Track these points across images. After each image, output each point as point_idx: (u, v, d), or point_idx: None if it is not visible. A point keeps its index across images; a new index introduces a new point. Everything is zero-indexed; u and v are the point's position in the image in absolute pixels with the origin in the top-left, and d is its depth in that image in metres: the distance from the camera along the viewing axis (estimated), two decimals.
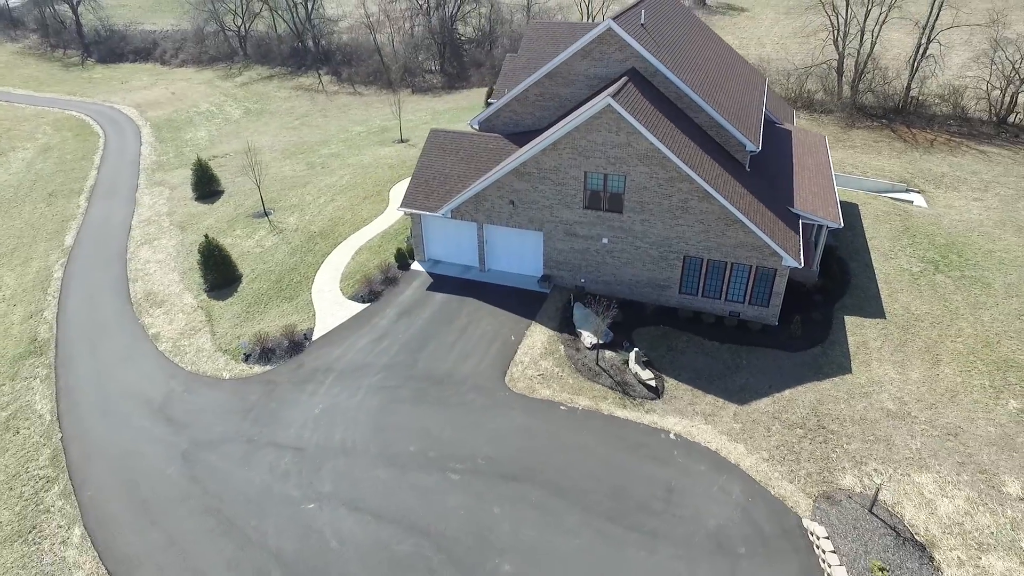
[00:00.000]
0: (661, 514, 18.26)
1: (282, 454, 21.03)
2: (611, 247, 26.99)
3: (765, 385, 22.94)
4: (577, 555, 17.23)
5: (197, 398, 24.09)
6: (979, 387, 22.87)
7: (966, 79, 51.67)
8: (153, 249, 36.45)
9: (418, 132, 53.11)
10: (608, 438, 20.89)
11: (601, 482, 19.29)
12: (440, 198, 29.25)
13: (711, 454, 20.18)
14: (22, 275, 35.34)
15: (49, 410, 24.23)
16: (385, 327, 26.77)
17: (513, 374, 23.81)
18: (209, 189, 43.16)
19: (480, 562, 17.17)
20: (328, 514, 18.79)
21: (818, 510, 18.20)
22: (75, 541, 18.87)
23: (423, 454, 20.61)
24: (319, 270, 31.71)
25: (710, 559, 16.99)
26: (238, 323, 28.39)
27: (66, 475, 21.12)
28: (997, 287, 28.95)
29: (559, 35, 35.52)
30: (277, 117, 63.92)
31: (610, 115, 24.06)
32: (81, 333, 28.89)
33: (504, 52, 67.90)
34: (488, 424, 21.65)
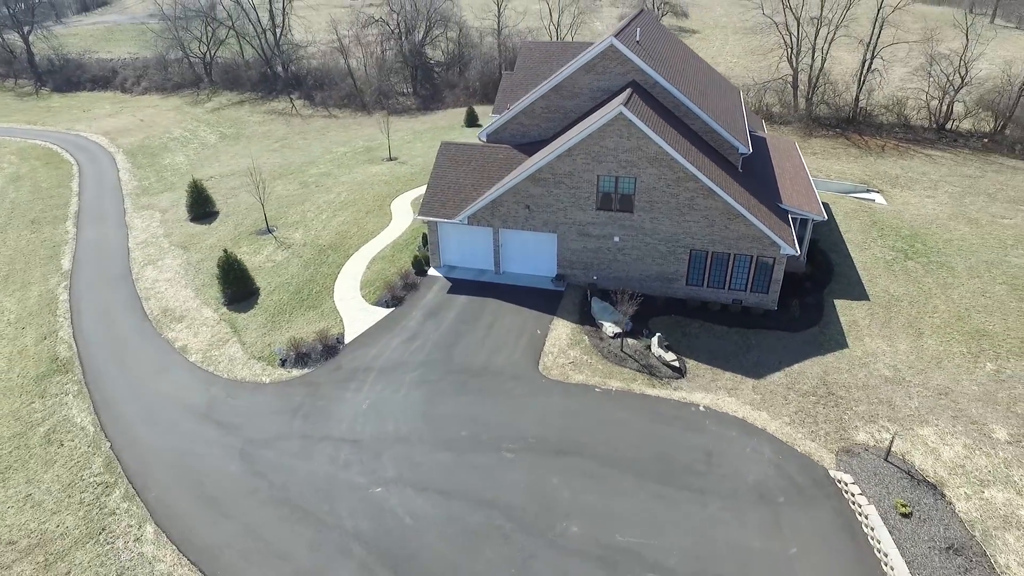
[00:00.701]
0: (705, 474, 20.16)
1: (339, 446, 22.08)
2: (622, 245, 29.12)
3: (775, 361, 25.28)
4: (636, 514, 18.92)
5: (241, 402, 24.86)
6: (959, 354, 25.78)
7: (907, 90, 56.64)
8: (158, 269, 36.77)
9: (404, 150, 54.78)
10: (644, 413, 22.77)
11: (646, 451, 21.09)
12: (456, 206, 30.91)
13: (739, 421, 22.28)
14: (23, 299, 35.14)
15: (91, 422, 24.56)
16: (414, 328, 28.10)
17: (545, 363, 25.50)
18: (204, 210, 43.62)
19: (549, 526, 18.66)
20: (397, 496, 19.96)
21: (840, 462, 20.44)
22: (149, 537, 19.46)
23: (475, 438, 22.02)
24: (337, 280, 32.78)
25: (755, 508, 18.95)
26: (265, 332, 29.21)
27: (125, 480, 21.61)
28: (960, 270, 32.33)
29: (552, 53, 37.92)
30: (256, 141, 64.41)
31: (622, 122, 26.33)
32: (104, 350, 29.16)
33: (477, 73, 70.51)
34: (531, 408, 23.24)
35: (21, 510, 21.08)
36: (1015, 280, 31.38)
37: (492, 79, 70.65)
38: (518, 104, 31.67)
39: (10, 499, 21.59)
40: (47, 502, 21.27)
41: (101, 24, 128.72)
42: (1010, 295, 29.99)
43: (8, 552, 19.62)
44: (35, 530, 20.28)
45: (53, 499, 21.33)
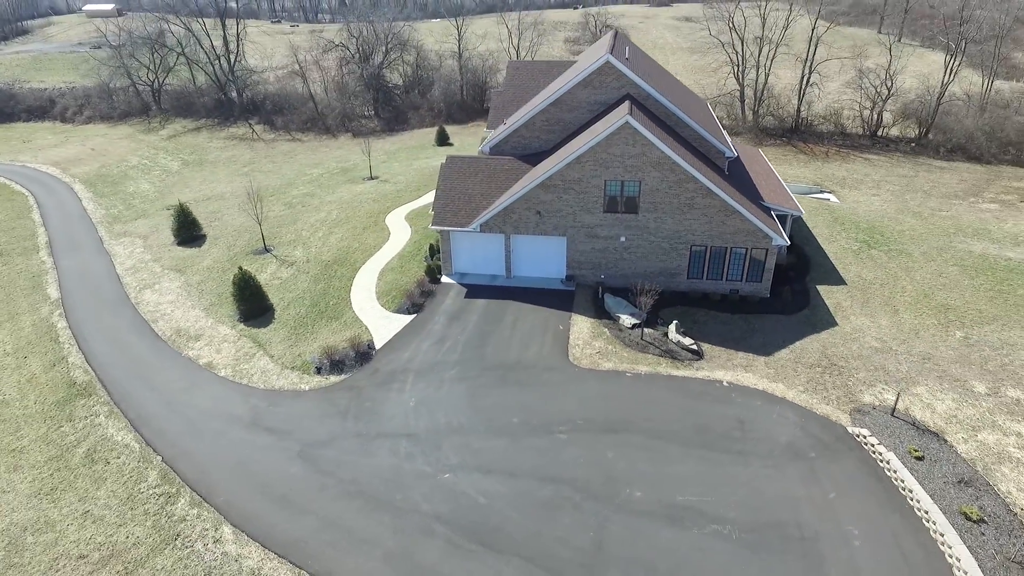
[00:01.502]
0: (742, 439, 22.41)
1: (397, 441, 23.15)
2: (628, 244, 31.46)
3: (779, 341, 28.02)
4: (689, 476, 20.91)
5: (286, 409, 25.50)
6: (932, 325, 29.27)
7: (842, 102, 62.27)
8: (157, 292, 36.59)
9: (381, 170, 55.88)
10: (675, 391, 24.92)
11: (685, 423, 23.19)
12: (467, 215, 32.55)
13: (760, 393, 24.73)
14: (16, 330, 34.28)
15: (133, 439, 24.62)
16: (441, 331, 29.41)
17: (574, 354, 27.35)
18: (191, 234, 43.50)
19: (614, 493, 20.39)
20: (465, 479, 21.23)
21: (855, 420, 23.12)
22: (229, 537, 19.97)
23: (526, 423, 23.55)
24: (351, 292, 33.68)
25: (792, 463, 21.29)
26: (291, 344, 29.84)
27: (187, 489, 21.93)
28: (916, 256, 36.35)
29: (538, 71, 40.36)
30: (221, 166, 63.97)
31: (627, 131, 28.79)
32: (126, 372, 29.03)
33: (441, 94, 72.43)
34: (571, 393, 24.99)
35: (82, 526, 21.08)
36: (963, 262, 35.57)
37: (455, 100, 72.81)
38: (520, 118, 33.76)
39: (66, 518, 21.52)
40: (108, 516, 21.35)
41: (25, 53, 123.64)
42: (962, 275, 34.04)
43: (83, 565, 19.69)
44: (104, 543, 20.38)
45: (114, 513, 21.42)
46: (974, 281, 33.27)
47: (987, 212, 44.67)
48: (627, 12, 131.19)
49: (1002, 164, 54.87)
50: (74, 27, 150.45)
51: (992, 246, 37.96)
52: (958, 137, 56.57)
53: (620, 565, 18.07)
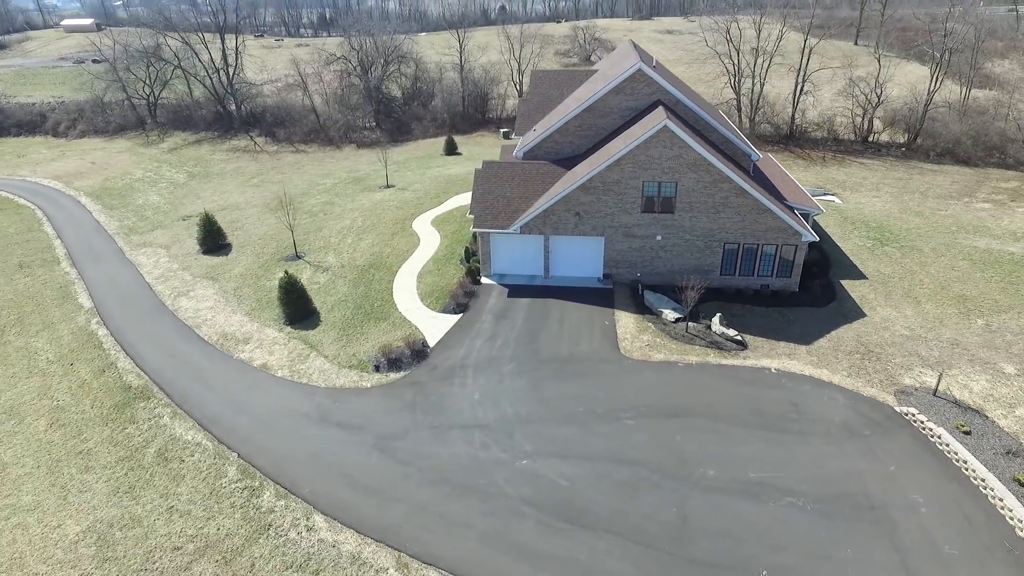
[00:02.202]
0: (798, 420, 23.75)
1: (470, 432, 24.01)
2: (664, 243, 32.84)
3: (815, 331, 29.56)
4: (756, 455, 22.14)
5: (352, 406, 26.18)
6: (954, 314, 31.11)
7: (835, 109, 64.95)
8: (193, 299, 36.91)
9: (395, 178, 56.64)
10: (727, 379, 26.22)
11: (742, 407, 24.48)
12: (507, 217, 33.66)
13: (808, 378, 26.16)
14: (55, 339, 34.32)
15: (204, 437, 25.07)
16: (490, 329, 30.37)
17: (625, 347, 28.53)
18: (216, 243, 43.81)
19: (689, 472, 21.52)
20: (544, 464, 22.18)
21: (900, 400, 24.65)
22: (322, 525, 20.61)
23: (592, 412, 24.61)
24: (393, 294, 34.46)
25: (849, 441, 22.68)
26: (344, 345, 30.51)
27: (270, 482, 22.49)
28: (927, 251, 38.40)
29: (560, 80, 41.82)
30: (229, 177, 64.15)
31: (666, 134, 30.26)
32: (180, 375, 29.40)
33: (444, 105, 73.65)
34: (628, 383, 26.13)
35: (170, 520, 21.50)
36: (971, 256, 37.69)
37: (457, 111, 74.05)
38: (554, 124, 35.07)
39: (151, 513, 21.91)
40: (194, 510, 21.80)
41: (6, 68, 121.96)
42: (972, 268, 36.09)
43: (179, 557, 20.14)
44: (195, 535, 20.85)
45: (200, 507, 21.88)
46: (984, 274, 35.31)
47: (982, 211, 47.15)
48: (611, 26, 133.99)
49: (989, 167, 57.79)
50: (53, 42, 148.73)
51: (994, 242, 40.22)
52: (946, 142, 59.44)
53: (708, 537, 19.16)
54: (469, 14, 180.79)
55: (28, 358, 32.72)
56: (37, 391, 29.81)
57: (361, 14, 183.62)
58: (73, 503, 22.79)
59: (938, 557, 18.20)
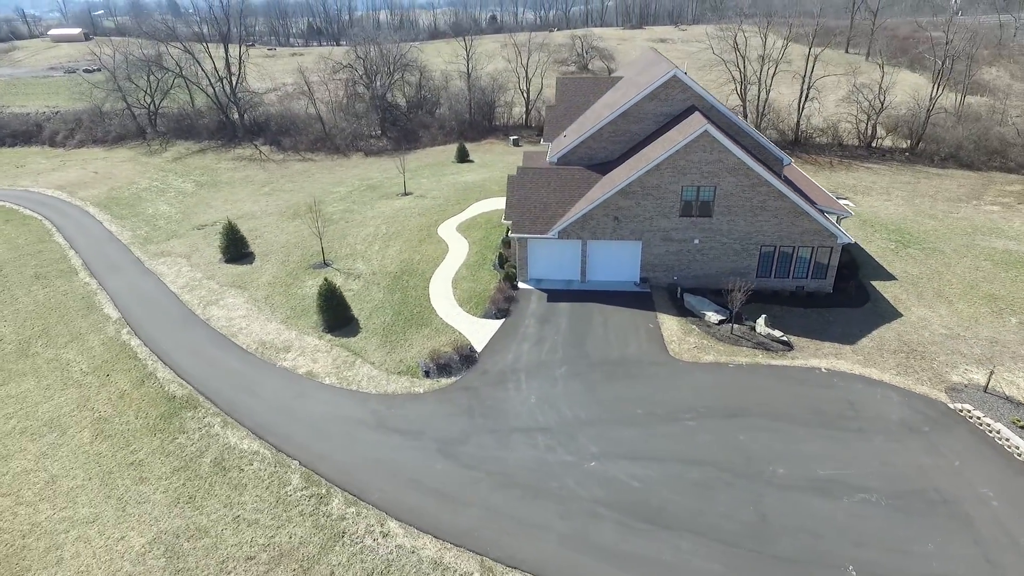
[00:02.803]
0: (856, 418, 24.10)
1: (532, 435, 24.04)
2: (701, 246, 33.20)
3: (856, 331, 30.03)
4: (821, 453, 22.42)
5: (408, 412, 26.09)
6: (987, 313, 31.77)
7: (839, 115, 66.13)
8: (224, 308, 36.58)
9: (411, 186, 56.56)
10: (779, 379, 26.54)
11: (799, 406, 24.78)
12: (545, 223, 33.84)
13: (858, 377, 26.56)
14: (85, 350, 33.80)
15: (261, 446, 24.83)
16: (535, 334, 30.46)
17: (673, 349, 28.76)
18: (239, 251, 43.45)
19: (759, 471, 21.73)
20: (613, 466, 22.26)
21: (953, 397, 25.11)
22: (396, 531, 20.49)
23: (651, 413, 24.77)
24: (430, 300, 34.43)
25: (910, 437, 23.05)
26: (389, 351, 30.41)
27: (337, 489, 22.33)
28: (949, 252, 39.19)
29: (585, 86, 42.22)
30: (239, 187, 63.69)
31: (706, 139, 30.68)
32: (224, 384, 29.10)
33: (452, 113, 73.87)
34: (683, 385, 26.35)
35: (238, 530, 21.25)
36: (992, 256, 38.54)
37: (464, 119, 74.28)
38: (588, 130, 35.38)
39: (217, 523, 21.65)
40: (262, 519, 21.57)
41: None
42: (996, 268, 36.91)
43: (254, 566, 19.90)
44: (267, 544, 20.62)
45: (267, 516, 21.65)
46: (1009, 273, 36.12)
47: (993, 213, 48.22)
48: (604, 34, 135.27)
49: (992, 170, 59.14)
50: (42, 51, 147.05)
51: (1011, 243, 41.15)
52: (948, 147, 60.75)
53: (788, 534, 19.35)
54: (460, 23, 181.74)
55: (61, 370, 32.19)
56: (76, 403, 29.34)
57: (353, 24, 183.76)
58: (133, 514, 22.45)
59: (1019, 550, 18.55)
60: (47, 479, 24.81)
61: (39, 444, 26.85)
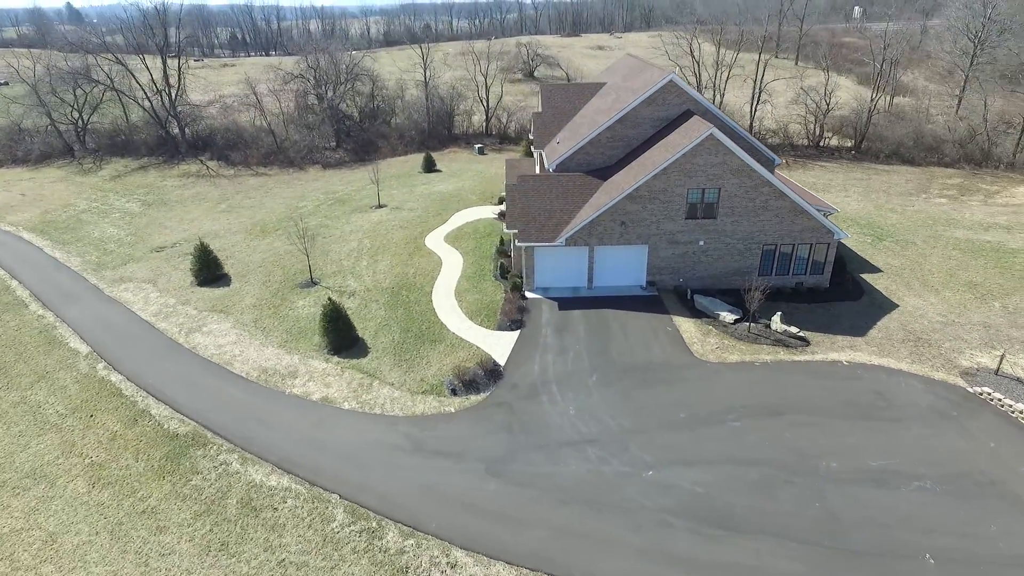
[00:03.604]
0: (888, 408, 24.84)
1: (580, 448, 23.50)
2: (706, 247, 33.63)
3: (862, 323, 31.10)
4: (867, 444, 22.94)
5: (443, 433, 25.01)
6: (972, 299, 33.62)
7: (789, 116, 69.06)
8: (209, 335, 34.26)
9: (384, 198, 54.89)
10: (806, 374, 27.08)
11: (833, 399, 25.33)
12: (551, 230, 33.45)
13: (878, 367, 27.45)
14: (57, 389, 30.89)
15: (291, 480, 23.19)
16: (556, 343, 29.96)
17: (697, 351, 28.90)
18: (213, 273, 40.90)
19: (813, 466, 21.99)
20: (670, 473, 22.01)
21: (968, 381, 26.30)
22: (464, 560, 19.46)
23: (694, 416, 24.72)
24: (437, 315, 33.34)
25: (943, 422, 23.95)
26: (407, 370, 29.17)
27: (388, 521, 21.05)
28: (920, 244, 41.37)
29: (569, 93, 42.16)
30: (191, 205, 60.14)
31: (711, 142, 31.12)
32: (231, 417, 27.12)
33: (408, 121, 72.51)
34: (716, 386, 26.47)
35: (286, 575, 19.70)
36: (958, 246, 40.95)
37: (423, 128, 73.04)
38: (586, 136, 35.27)
39: (259, 570, 20.00)
40: (311, 562, 20.08)
41: None
42: (965, 256, 39.22)
43: None
44: None
45: (317, 557, 20.17)
46: (978, 261, 38.43)
47: (943, 205, 51.38)
48: (543, 42, 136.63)
49: (930, 165, 63.14)
50: None
51: (969, 232, 43.88)
52: (890, 145, 64.48)
53: (858, 527, 19.60)
54: (393, 33, 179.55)
55: (31, 413, 29.24)
56: (59, 449, 26.66)
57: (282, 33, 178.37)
58: (158, 569, 20.47)
59: None
60: (44, 537, 22.32)
61: (25, 499, 24.16)
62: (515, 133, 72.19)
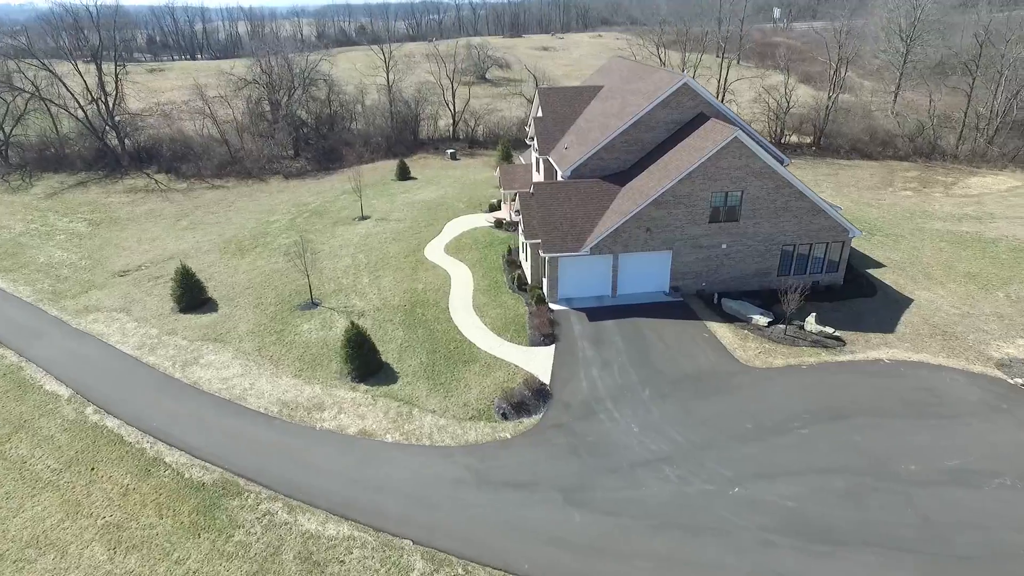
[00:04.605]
0: (942, 403, 25.19)
1: (656, 468, 22.60)
2: (728, 250, 33.47)
3: (887, 319, 31.66)
4: (936, 443, 23.10)
5: (505, 461, 23.57)
6: (975, 290, 34.90)
7: (753, 114, 70.71)
8: (209, 367, 31.45)
9: (366, 208, 52.39)
10: (854, 374, 27.20)
11: (887, 399, 25.48)
12: (575, 239, 32.47)
13: (917, 364, 27.89)
14: (43, 441, 27.49)
15: (352, 528, 21.22)
16: (597, 357, 28.99)
17: (740, 357, 28.57)
18: (196, 299, 37.71)
19: (894, 470, 21.89)
20: (756, 489, 21.40)
21: (1006, 372, 27.05)
22: None
23: (760, 426, 24.27)
24: (461, 332, 31.73)
25: (997, 415, 24.45)
26: (445, 395, 27.49)
27: (476, 565, 19.50)
28: (909, 237, 42.85)
29: (567, 96, 41.27)
30: (147, 222, 55.64)
31: (736, 145, 30.93)
32: (262, 459, 24.73)
33: (374, 128, 69.87)
34: (771, 392, 26.17)
35: None
36: (943, 238, 42.65)
37: (387, 133, 70.54)
38: (601, 141, 34.46)
39: None
40: None
41: None
42: (953, 248, 40.84)
43: None
44: None
45: None
46: (966, 252, 40.09)
47: (910, 198, 53.63)
48: (488, 42, 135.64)
49: (887, 159, 66.02)
50: None
51: (946, 224, 45.84)
52: (849, 140, 67.03)
53: (957, 531, 19.57)
54: (327, 35, 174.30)
55: (16, 471, 25.84)
56: (61, 511, 23.57)
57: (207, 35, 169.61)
58: None
59: None
60: None
61: (33, 574, 21.11)
62: (484, 137, 70.73)
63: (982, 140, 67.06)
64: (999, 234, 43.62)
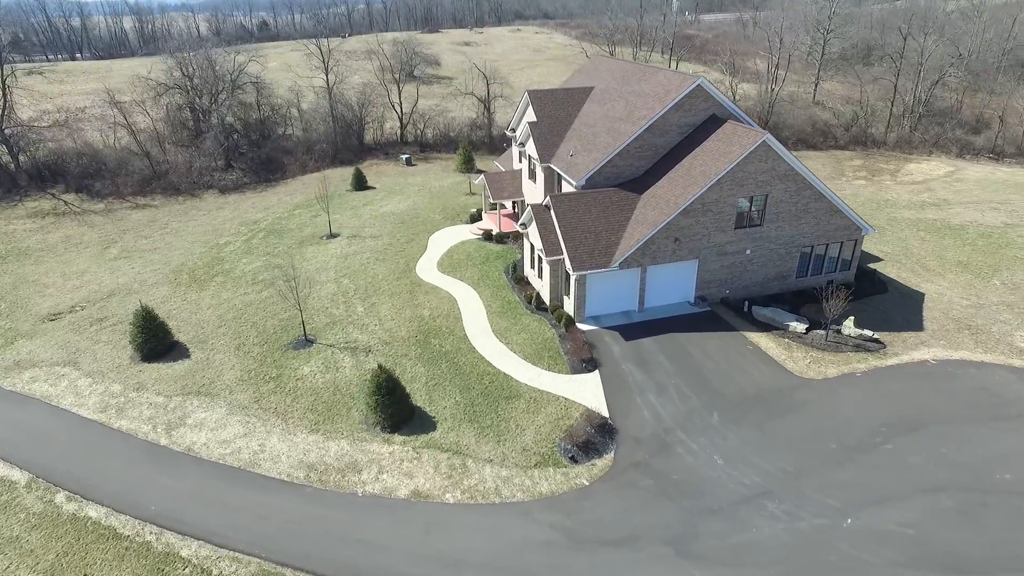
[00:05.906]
0: (1004, 404, 25.19)
1: (758, 504, 21.02)
2: (751, 256, 32.55)
3: (911, 316, 31.82)
4: (1016, 448, 22.91)
5: (592, 514, 21.22)
6: (972, 279, 35.93)
7: None
8: (201, 429, 27.06)
9: (319, 225, 47.88)
10: (907, 378, 26.88)
11: (952, 403, 25.25)
12: (601, 253, 30.45)
13: (963, 362, 27.98)
14: (8, 544, 22.51)
15: None
16: (648, 381, 27.17)
17: (792, 368, 27.61)
18: (161, 344, 32.64)
19: (993, 483, 21.38)
20: (869, 517, 20.27)
21: None
22: None
23: (842, 445, 23.27)
24: (491, 364, 28.97)
25: None
26: (497, 441, 24.72)
27: None
28: (888, 228, 43.86)
29: (559, 99, 39.05)
30: (64, 252, 48.47)
31: (764, 149, 29.91)
32: (303, 542, 21.12)
33: (316, 135, 64.77)
34: (835, 404, 25.36)
35: None
36: (918, 226, 44.08)
37: (331, 139, 65.61)
38: (615, 148, 32.55)
39: None
40: None
41: None
42: (935, 236, 42.20)
43: None
44: None
45: None
46: (946, 241, 41.50)
47: (867, 187, 55.54)
48: (415, 38, 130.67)
49: (831, 149, 68.44)
50: None
51: (913, 212, 47.54)
52: (795, 132, 68.97)
53: None
54: (226, 32, 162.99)
55: None
56: None
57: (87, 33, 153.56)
58: None
59: None
60: None
61: None
62: (435, 140, 67.20)
63: (907, 128, 70.95)
64: (963, 220, 45.59)
